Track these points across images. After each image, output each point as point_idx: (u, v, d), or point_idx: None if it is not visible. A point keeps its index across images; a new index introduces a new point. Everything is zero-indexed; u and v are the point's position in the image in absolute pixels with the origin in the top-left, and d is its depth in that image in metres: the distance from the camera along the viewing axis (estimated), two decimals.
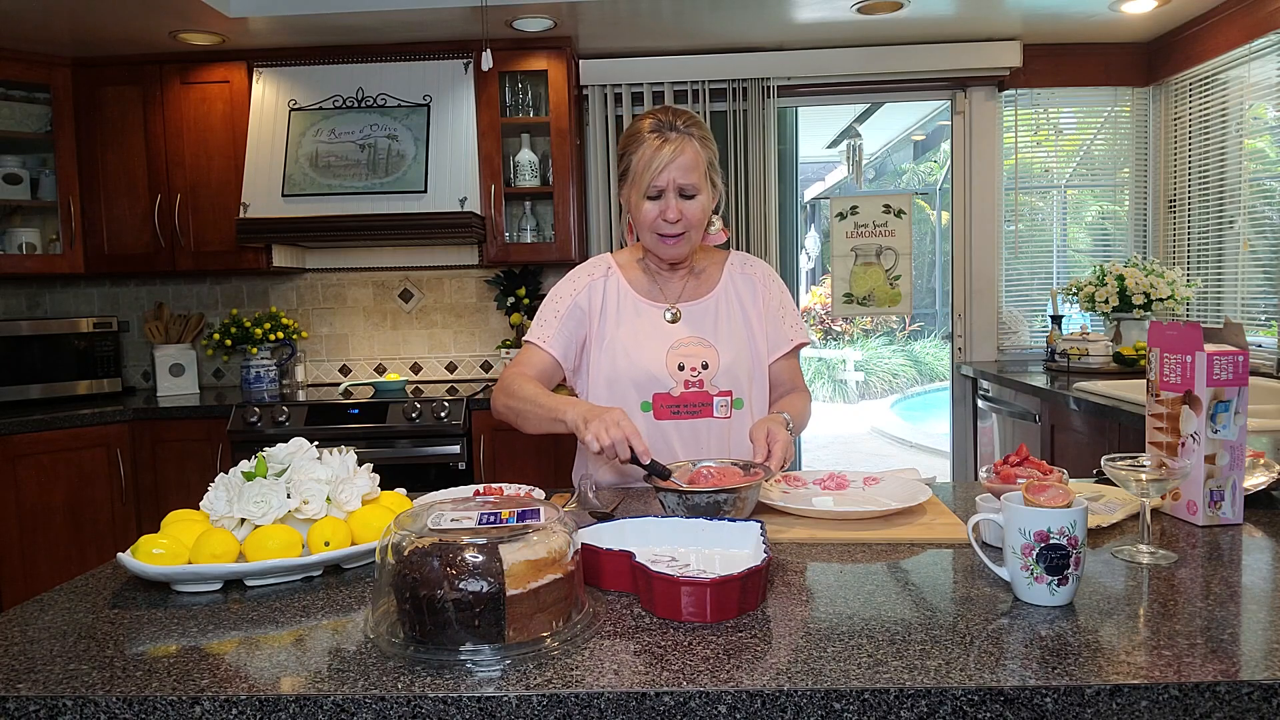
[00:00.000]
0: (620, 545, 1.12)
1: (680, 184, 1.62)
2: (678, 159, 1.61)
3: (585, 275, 1.79)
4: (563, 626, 0.94)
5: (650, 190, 1.63)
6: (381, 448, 3.28)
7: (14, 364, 3.46)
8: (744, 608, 0.99)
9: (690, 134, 1.64)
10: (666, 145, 1.61)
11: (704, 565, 1.13)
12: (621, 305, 1.76)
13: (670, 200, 1.63)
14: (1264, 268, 3.40)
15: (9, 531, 3.17)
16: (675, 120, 1.64)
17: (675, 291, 1.77)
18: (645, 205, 1.65)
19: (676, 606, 0.97)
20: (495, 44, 3.39)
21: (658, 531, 1.20)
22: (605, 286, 1.77)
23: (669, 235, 1.66)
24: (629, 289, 1.77)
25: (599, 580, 1.09)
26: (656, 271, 1.78)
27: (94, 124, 3.63)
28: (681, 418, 1.70)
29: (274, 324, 3.84)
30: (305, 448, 1.29)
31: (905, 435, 8.70)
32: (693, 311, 1.75)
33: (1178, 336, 1.29)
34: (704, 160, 1.65)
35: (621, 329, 1.73)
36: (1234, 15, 3.33)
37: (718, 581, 0.96)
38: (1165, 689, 0.80)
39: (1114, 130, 4.01)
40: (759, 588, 1.02)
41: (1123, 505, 1.36)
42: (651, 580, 0.98)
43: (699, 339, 1.73)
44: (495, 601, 0.88)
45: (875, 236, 4.08)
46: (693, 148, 1.63)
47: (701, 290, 1.78)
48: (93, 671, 0.89)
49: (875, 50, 3.82)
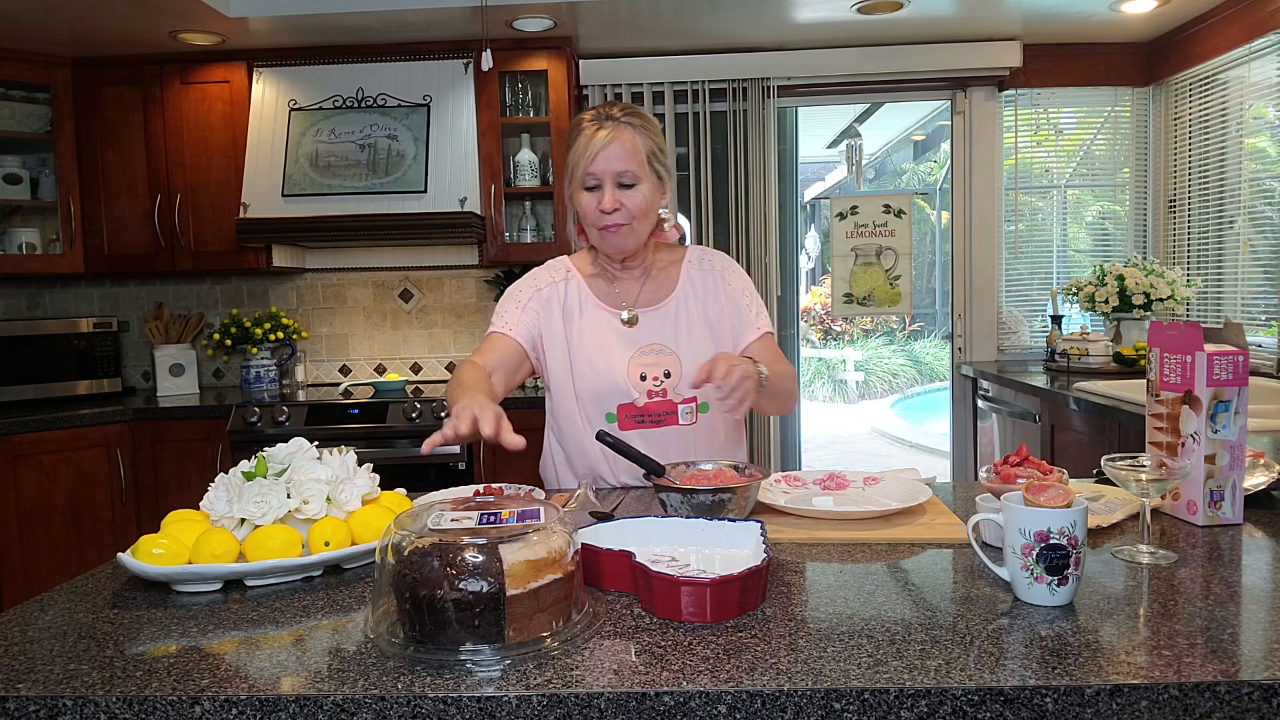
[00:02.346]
0: (620, 545, 1.11)
1: (617, 171, 1.57)
2: (611, 145, 1.56)
3: (546, 276, 1.75)
4: (563, 626, 0.93)
5: (587, 180, 1.59)
6: (381, 448, 3.28)
7: (14, 364, 3.46)
8: (744, 608, 0.99)
9: (628, 122, 1.59)
10: (600, 133, 1.57)
11: (704, 565, 1.12)
12: (582, 310, 1.72)
13: (607, 189, 1.58)
14: (1264, 268, 3.40)
15: (9, 531, 3.17)
16: (612, 110, 1.61)
17: (633, 294, 1.73)
18: (583, 197, 1.61)
19: (676, 606, 0.97)
20: (495, 44, 3.39)
21: (658, 531, 1.20)
22: (566, 290, 1.73)
23: (609, 226, 1.61)
24: (588, 292, 1.73)
25: (599, 580, 1.09)
26: (613, 274, 1.74)
27: (94, 124, 3.63)
28: (646, 426, 1.67)
29: (274, 324, 3.84)
30: (305, 448, 1.29)
31: (905, 435, 8.70)
32: (651, 318, 1.71)
33: (1178, 336, 1.29)
34: (643, 148, 1.60)
35: (583, 338, 1.70)
36: (1234, 15, 3.33)
37: (717, 581, 0.95)
38: (1165, 689, 0.80)
39: (1114, 130, 4.01)
40: (759, 588, 1.01)
41: (1123, 505, 1.36)
42: (651, 580, 0.98)
43: (659, 346, 1.69)
44: (495, 601, 0.88)
45: (875, 236, 4.08)
46: (629, 134, 1.58)
47: (660, 294, 1.73)
48: (93, 671, 0.89)
49: (875, 50, 3.82)
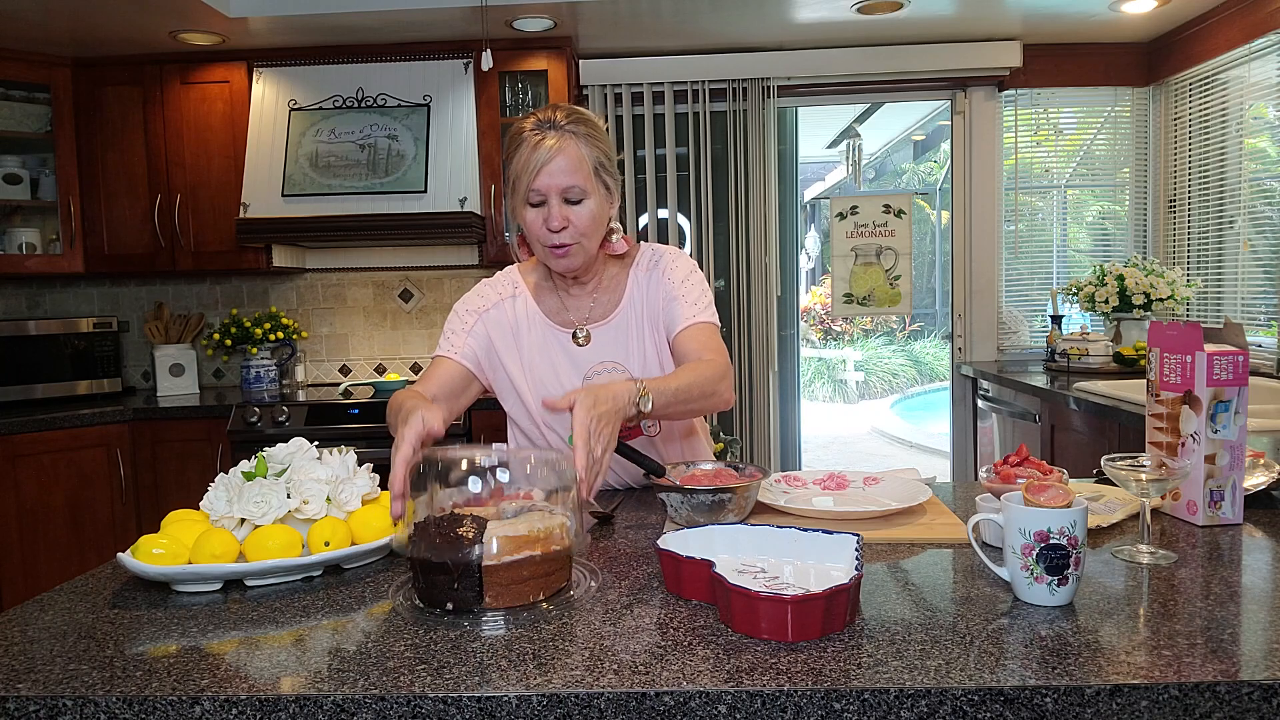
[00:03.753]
0: (708, 553, 1.06)
1: (563, 186, 1.45)
2: (555, 159, 1.44)
3: (494, 293, 1.65)
4: (542, 598, 1.05)
5: (531, 196, 1.47)
6: (381, 448, 3.28)
7: (14, 364, 3.46)
8: (829, 628, 0.91)
9: (573, 131, 1.47)
10: (543, 144, 1.44)
11: (799, 580, 1.05)
12: (531, 330, 1.63)
13: (553, 206, 1.46)
14: (1264, 268, 3.40)
15: (9, 531, 3.17)
16: (555, 116, 1.48)
17: (584, 311, 1.63)
18: (528, 213, 1.49)
19: (755, 623, 0.91)
20: (495, 44, 3.39)
21: (749, 541, 1.12)
22: (514, 308, 1.63)
23: (556, 246, 1.49)
24: (537, 311, 1.64)
25: (680, 589, 1.04)
26: (562, 289, 1.64)
27: (94, 124, 3.63)
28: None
29: (274, 324, 3.84)
30: (305, 448, 1.29)
31: (905, 435, 8.70)
32: (602, 334, 1.61)
33: (1178, 336, 1.29)
34: (589, 159, 1.48)
35: (537, 358, 1.62)
36: (1234, 15, 3.33)
37: (799, 599, 0.89)
38: (1165, 689, 0.80)
39: (1114, 130, 4.01)
40: (846, 607, 0.93)
41: (1123, 505, 1.36)
42: (730, 594, 0.92)
43: (611, 364, 1.60)
44: (471, 569, 1.01)
45: (875, 236, 4.08)
46: (574, 146, 1.46)
47: (609, 307, 1.63)
48: (93, 671, 0.89)
49: (875, 50, 3.82)
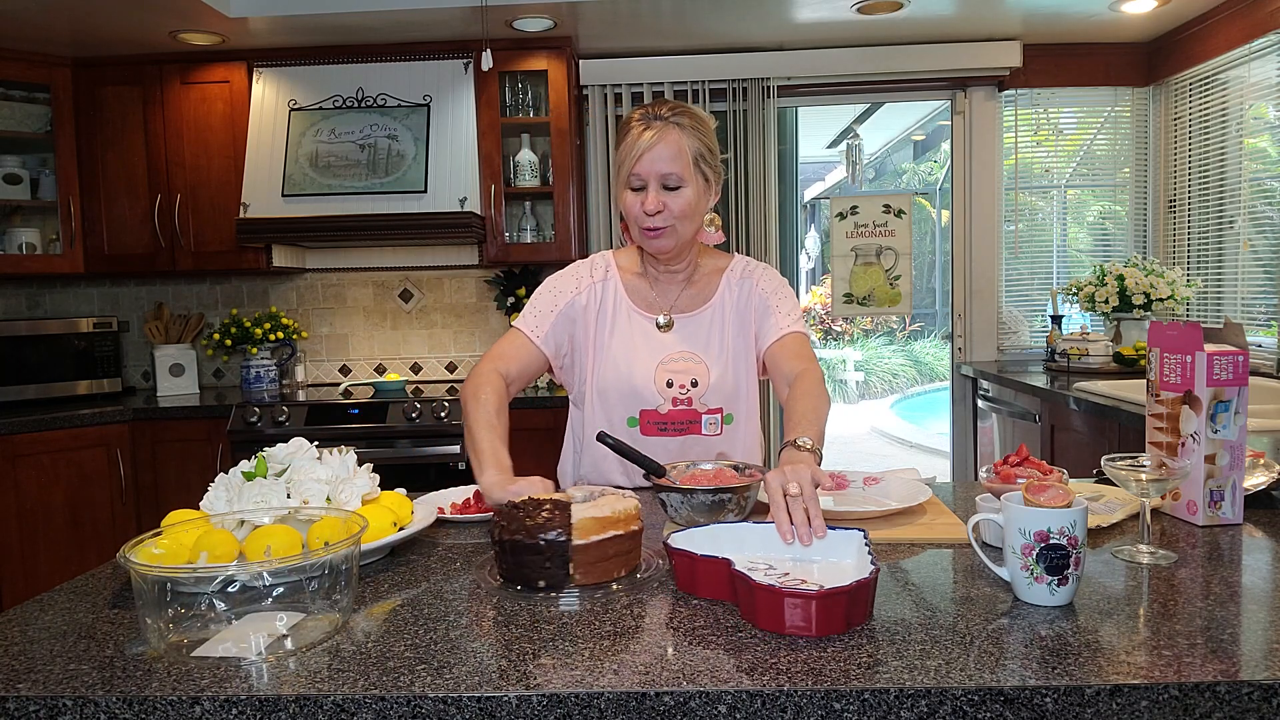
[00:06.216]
0: (715, 551, 1.08)
1: (662, 173, 1.55)
2: (656, 146, 1.54)
3: (587, 275, 1.73)
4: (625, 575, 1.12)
5: (632, 181, 1.57)
6: (381, 448, 3.28)
7: (14, 364, 3.46)
8: (851, 622, 0.93)
9: (676, 122, 1.56)
10: (647, 133, 1.54)
11: (804, 576, 1.07)
12: (617, 313, 1.70)
13: (651, 191, 1.56)
14: (1264, 268, 3.40)
15: (9, 531, 3.17)
16: (661, 109, 1.57)
17: (672, 298, 1.71)
18: (628, 196, 1.59)
19: (780, 619, 0.92)
20: (495, 44, 3.39)
21: (754, 538, 1.15)
22: (604, 291, 1.71)
23: (651, 228, 1.59)
24: (625, 296, 1.71)
25: (694, 588, 1.06)
26: (655, 275, 1.72)
27: (94, 124, 3.63)
28: (669, 435, 1.66)
29: (274, 324, 3.84)
30: (305, 448, 1.29)
31: (905, 435, 8.71)
32: (686, 324, 1.69)
33: (1178, 336, 1.29)
34: (690, 150, 1.56)
35: (615, 339, 1.69)
36: (1234, 15, 3.33)
37: (824, 594, 0.91)
38: (1165, 689, 0.79)
39: (1114, 130, 4.01)
40: (867, 601, 0.96)
41: (1123, 505, 1.36)
42: (754, 591, 0.94)
43: (689, 354, 1.67)
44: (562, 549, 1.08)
45: (875, 236, 4.08)
46: (675, 135, 1.55)
47: (698, 301, 1.71)
48: (93, 671, 0.89)
49: (875, 50, 3.82)
